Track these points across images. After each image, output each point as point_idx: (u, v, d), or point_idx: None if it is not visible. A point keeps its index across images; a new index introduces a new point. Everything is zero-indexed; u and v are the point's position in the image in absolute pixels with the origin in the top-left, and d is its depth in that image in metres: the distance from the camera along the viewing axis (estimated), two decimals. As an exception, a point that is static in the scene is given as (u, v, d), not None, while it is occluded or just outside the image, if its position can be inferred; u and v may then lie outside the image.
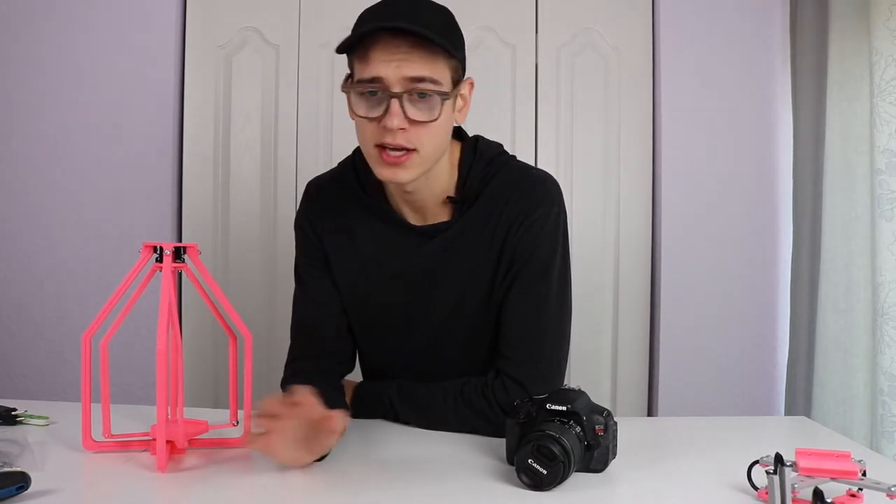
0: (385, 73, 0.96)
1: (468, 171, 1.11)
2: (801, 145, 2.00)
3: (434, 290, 1.14)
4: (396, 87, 0.96)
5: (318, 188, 1.21)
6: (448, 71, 1.00)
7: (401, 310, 1.16)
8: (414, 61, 0.96)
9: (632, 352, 2.13)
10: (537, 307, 1.10)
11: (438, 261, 1.12)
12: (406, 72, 0.96)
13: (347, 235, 1.16)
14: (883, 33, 1.73)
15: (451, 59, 1.00)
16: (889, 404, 1.72)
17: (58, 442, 1.00)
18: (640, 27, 2.12)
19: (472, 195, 1.11)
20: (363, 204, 1.15)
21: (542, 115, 2.11)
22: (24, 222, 2.08)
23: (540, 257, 1.10)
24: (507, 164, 1.15)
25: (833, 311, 1.86)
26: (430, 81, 0.97)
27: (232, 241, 2.11)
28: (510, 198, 1.10)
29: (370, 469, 0.93)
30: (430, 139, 1.00)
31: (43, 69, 2.07)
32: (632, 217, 2.12)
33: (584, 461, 0.90)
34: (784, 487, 0.73)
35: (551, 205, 1.11)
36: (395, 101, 0.96)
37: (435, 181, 1.09)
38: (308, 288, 1.19)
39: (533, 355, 1.09)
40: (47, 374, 2.07)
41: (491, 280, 1.12)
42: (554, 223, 1.11)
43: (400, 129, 0.97)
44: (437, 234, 1.12)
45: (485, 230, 1.11)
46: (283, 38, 2.10)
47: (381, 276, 1.15)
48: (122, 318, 0.95)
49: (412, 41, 0.95)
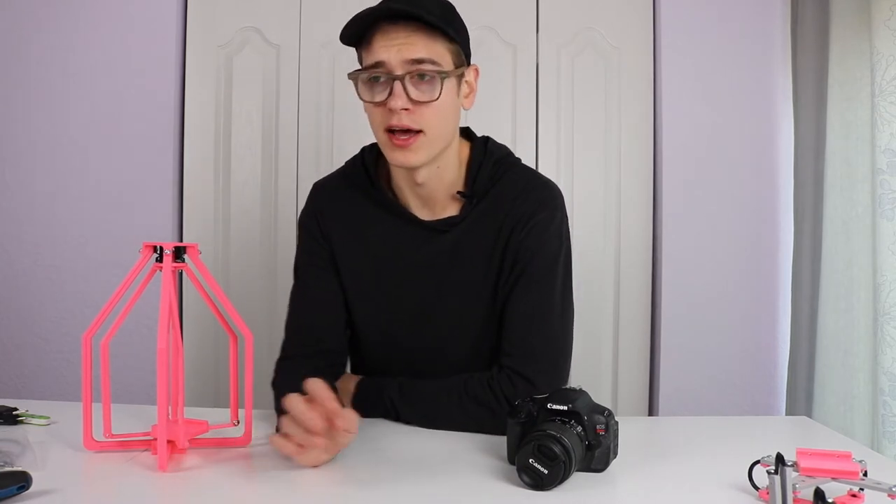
0: (386, 58, 1.01)
1: (478, 167, 1.14)
2: (802, 145, 2.00)
3: (442, 286, 1.15)
4: (398, 70, 1.01)
5: (326, 186, 1.23)
6: (448, 54, 1.05)
7: (408, 306, 1.16)
8: (413, 44, 1.01)
9: (633, 351, 2.13)
10: (541, 305, 1.12)
11: (448, 256, 1.14)
12: (406, 55, 1.01)
13: (356, 230, 1.17)
14: (884, 33, 1.73)
15: (451, 43, 1.05)
16: (890, 404, 1.71)
17: (59, 441, 1.00)
18: (640, 27, 2.12)
19: (482, 191, 1.13)
20: (373, 199, 1.17)
21: (542, 114, 2.11)
22: (24, 222, 2.08)
23: (544, 257, 1.13)
24: (516, 165, 1.19)
25: (834, 311, 1.86)
26: (429, 62, 1.02)
27: (232, 240, 2.11)
28: (515, 199, 1.13)
29: (370, 468, 0.92)
30: (434, 119, 1.04)
31: (43, 69, 2.07)
32: (632, 216, 2.12)
33: (584, 461, 0.89)
34: (785, 487, 0.72)
35: (554, 209, 1.15)
36: (397, 83, 1.01)
37: (445, 173, 1.12)
38: (307, 285, 1.20)
39: (537, 351, 1.10)
40: (48, 374, 2.07)
41: (495, 282, 1.14)
42: (557, 226, 1.15)
43: (404, 109, 1.01)
44: (448, 230, 1.13)
45: (491, 228, 1.13)
46: (284, 38, 2.10)
47: (390, 271, 1.16)
48: (123, 318, 0.95)
49: (412, 26, 1.01)
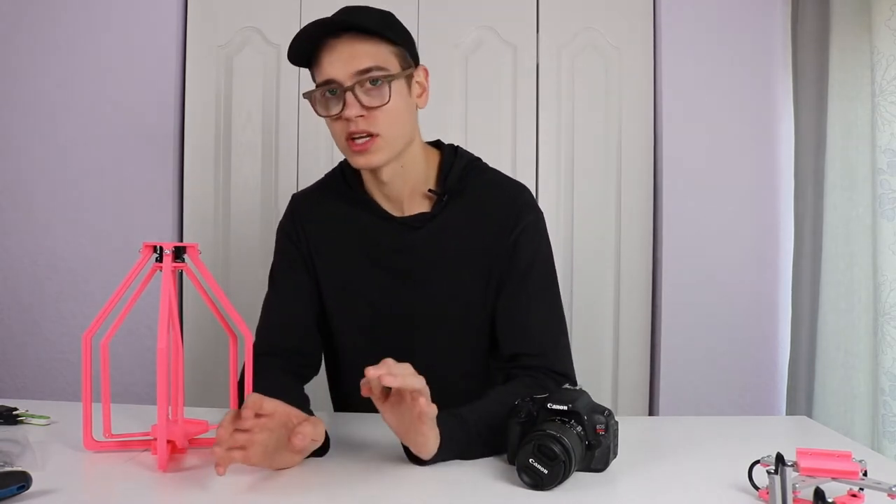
0: (334, 74, 1.06)
1: (449, 167, 1.18)
2: (803, 144, 2.00)
3: (419, 285, 1.17)
4: (348, 82, 1.05)
5: (305, 195, 1.28)
6: (394, 57, 1.08)
7: (386, 305, 1.18)
8: (358, 55, 1.05)
9: (633, 351, 2.13)
10: (552, 305, 1.18)
11: (423, 252, 1.16)
12: (353, 67, 1.05)
13: (335, 230, 1.20)
14: (884, 32, 1.73)
15: (394, 46, 1.08)
16: (890, 404, 1.71)
17: (58, 441, 1.00)
18: (640, 27, 2.12)
19: (455, 189, 1.17)
20: (350, 200, 1.20)
21: (542, 114, 2.11)
22: (24, 222, 2.08)
23: (541, 261, 1.18)
24: (487, 169, 1.24)
25: (834, 311, 1.86)
26: (376, 69, 1.05)
27: (232, 240, 2.11)
28: (494, 201, 1.18)
29: (369, 467, 0.92)
30: (388, 122, 1.07)
31: (43, 69, 2.07)
32: (632, 216, 2.12)
33: (584, 461, 0.90)
34: (785, 487, 0.72)
35: (537, 211, 1.20)
36: (349, 94, 1.05)
37: (410, 171, 1.16)
38: (281, 289, 1.23)
39: (560, 346, 1.16)
40: (48, 373, 2.07)
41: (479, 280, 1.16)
42: (542, 226, 1.20)
43: (359, 116, 1.05)
44: (422, 226, 1.16)
45: (469, 226, 1.16)
46: (284, 38, 2.10)
47: (368, 268, 1.18)
48: (123, 318, 0.95)
49: (354, 37, 1.05)
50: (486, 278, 1.16)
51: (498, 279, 1.16)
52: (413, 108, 1.13)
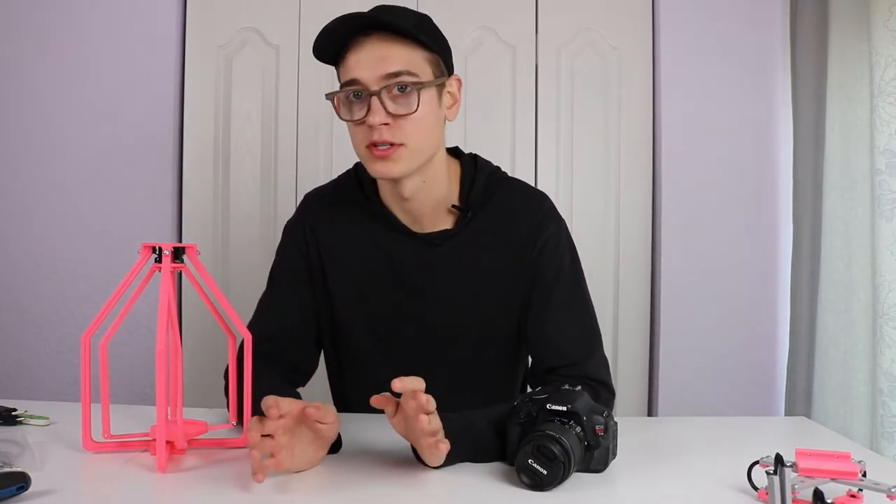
0: (361, 75, 0.98)
1: (471, 181, 1.12)
2: (802, 145, 2.00)
3: (437, 301, 1.13)
4: (374, 86, 0.98)
5: (320, 196, 1.21)
6: (427, 64, 1.02)
7: (402, 321, 1.14)
8: (388, 57, 0.98)
9: (632, 352, 2.12)
10: (581, 314, 1.14)
11: (444, 269, 1.12)
12: (381, 70, 0.98)
13: (349, 241, 1.15)
14: (883, 33, 1.73)
15: (429, 53, 1.01)
16: (889, 405, 1.72)
17: (58, 442, 1.00)
18: (640, 27, 2.12)
19: (478, 204, 1.12)
20: (366, 210, 1.14)
21: (542, 115, 2.11)
22: (24, 222, 2.08)
23: (570, 273, 1.14)
24: (508, 180, 1.18)
25: (833, 312, 1.86)
26: (406, 74, 0.98)
27: (232, 241, 2.11)
28: (515, 214, 1.13)
29: (369, 468, 0.92)
30: (415, 132, 1.01)
31: (43, 69, 2.07)
32: (632, 216, 2.12)
33: (584, 461, 0.89)
34: (784, 488, 0.72)
35: (559, 220, 1.16)
36: (374, 99, 0.98)
37: (433, 187, 1.10)
38: (279, 293, 1.18)
39: (594, 356, 1.12)
40: (47, 374, 2.07)
41: (502, 302, 1.13)
42: (565, 235, 1.16)
43: (384, 124, 0.98)
44: (444, 242, 1.12)
45: (492, 243, 1.12)
46: (283, 39, 2.10)
47: (384, 282, 1.14)
48: (122, 319, 0.95)
49: (386, 37, 0.98)
50: (508, 294, 1.13)
51: (523, 294, 1.13)
52: (442, 119, 1.07)
